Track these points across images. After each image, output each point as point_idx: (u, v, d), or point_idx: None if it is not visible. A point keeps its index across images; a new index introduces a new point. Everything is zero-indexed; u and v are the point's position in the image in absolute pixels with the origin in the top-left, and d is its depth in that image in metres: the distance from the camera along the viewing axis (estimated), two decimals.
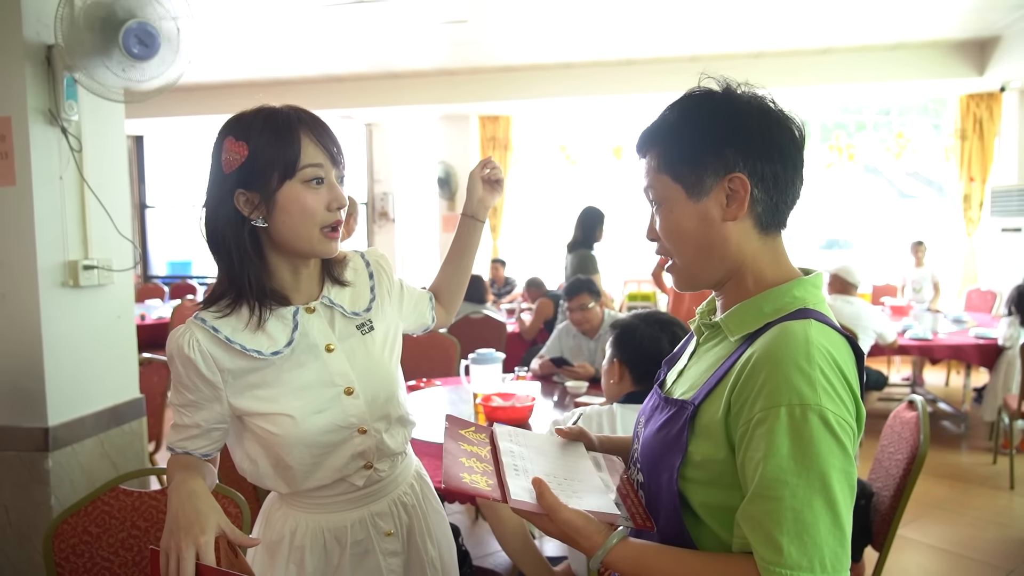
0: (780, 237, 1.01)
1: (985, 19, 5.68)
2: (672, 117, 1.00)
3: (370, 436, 1.28)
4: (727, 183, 0.96)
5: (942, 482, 4.12)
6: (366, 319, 1.33)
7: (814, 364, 0.85)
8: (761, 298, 0.97)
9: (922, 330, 5.01)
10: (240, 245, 1.18)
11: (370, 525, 1.32)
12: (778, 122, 0.98)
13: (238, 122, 1.19)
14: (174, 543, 1.02)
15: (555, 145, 8.54)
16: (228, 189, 1.17)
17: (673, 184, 0.98)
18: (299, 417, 1.21)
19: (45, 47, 2.19)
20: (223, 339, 1.19)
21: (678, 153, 0.98)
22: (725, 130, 0.96)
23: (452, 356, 3.98)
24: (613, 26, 5.81)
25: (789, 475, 0.83)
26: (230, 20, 5.46)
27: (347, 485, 1.30)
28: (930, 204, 8.16)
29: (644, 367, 2.10)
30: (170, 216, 9.72)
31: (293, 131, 1.16)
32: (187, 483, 1.12)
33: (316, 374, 1.24)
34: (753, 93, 1.00)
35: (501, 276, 7.55)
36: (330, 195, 1.19)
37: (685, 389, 1.02)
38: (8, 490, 2.26)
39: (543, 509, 0.94)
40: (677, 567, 0.91)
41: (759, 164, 0.96)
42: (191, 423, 1.23)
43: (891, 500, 2.11)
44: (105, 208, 2.39)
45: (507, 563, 2.94)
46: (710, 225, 0.97)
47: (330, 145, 1.20)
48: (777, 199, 0.98)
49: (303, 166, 1.16)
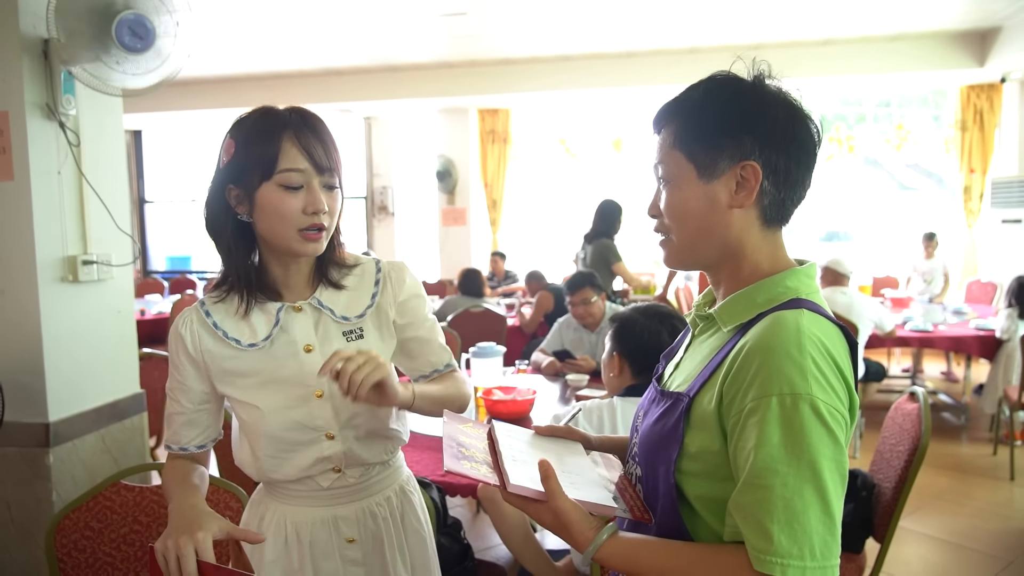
0: (781, 232, 1.01)
1: (985, 10, 5.66)
2: (696, 95, 0.99)
3: (338, 443, 1.27)
4: (739, 169, 0.95)
5: (943, 473, 4.13)
6: (356, 326, 1.30)
7: (805, 353, 0.86)
8: (754, 288, 0.97)
9: (922, 322, 5.01)
10: (227, 235, 1.23)
11: (332, 528, 1.31)
12: (802, 119, 0.98)
13: (238, 121, 1.23)
14: (172, 542, 1.03)
15: (554, 138, 8.52)
16: (220, 183, 1.22)
17: (686, 162, 0.98)
18: (266, 410, 1.24)
19: (42, 41, 2.18)
20: (211, 323, 1.25)
21: (696, 132, 0.97)
22: (747, 116, 0.95)
23: (452, 350, 3.97)
24: (612, 18, 5.79)
25: (779, 464, 0.83)
26: (228, 14, 5.44)
27: (313, 483, 1.30)
28: (930, 196, 8.16)
29: (643, 360, 2.09)
30: (169, 211, 9.71)
31: (276, 133, 1.18)
32: (188, 499, 1.17)
33: (291, 372, 1.25)
34: (780, 87, 0.99)
35: (501, 269, 7.55)
36: (307, 200, 1.19)
37: (680, 381, 1.02)
38: (9, 486, 2.26)
39: (546, 491, 0.94)
40: (670, 559, 0.91)
41: (774, 156, 0.95)
42: (178, 410, 1.29)
43: (893, 491, 2.12)
44: (104, 203, 2.38)
45: (509, 557, 2.94)
46: (715, 208, 0.97)
47: (316, 151, 1.19)
48: (785, 195, 0.98)
49: (280, 170, 1.17)
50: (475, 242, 8.43)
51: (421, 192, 8.93)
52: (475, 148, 8.35)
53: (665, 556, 0.92)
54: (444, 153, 8.30)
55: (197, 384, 1.28)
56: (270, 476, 1.30)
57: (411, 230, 9.14)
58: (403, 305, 1.34)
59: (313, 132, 1.20)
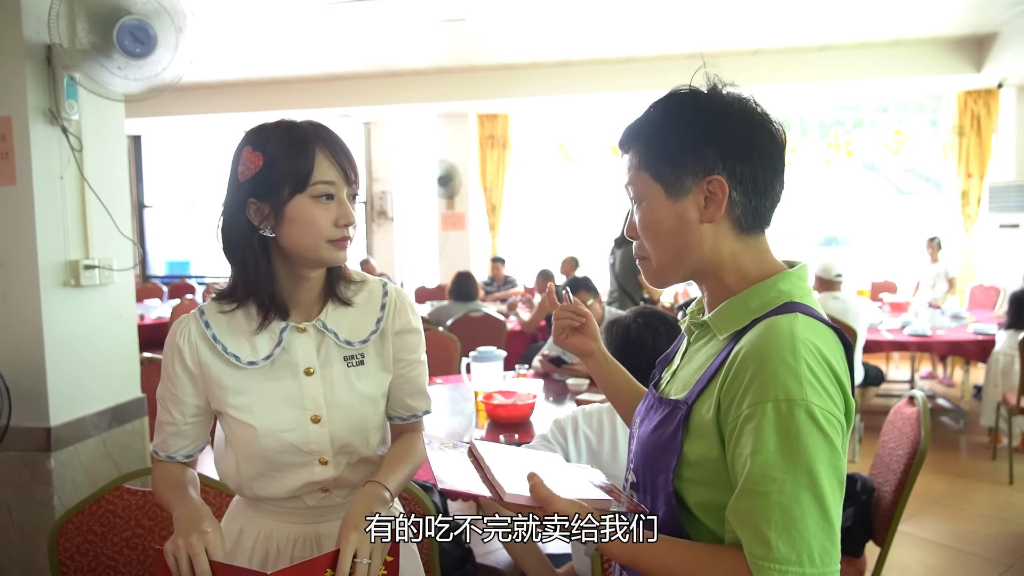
0: (763, 236, 1.01)
1: (983, 15, 5.69)
2: (655, 115, 1.00)
3: (331, 468, 1.26)
4: (706, 184, 0.95)
5: (942, 478, 4.13)
6: (358, 351, 1.28)
7: (800, 359, 0.86)
8: (747, 294, 0.97)
9: (921, 326, 5.02)
10: (253, 252, 1.20)
11: (314, 545, 1.29)
12: (760, 125, 0.97)
13: (258, 133, 1.20)
14: (183, 541, 1.03)
15: (553, 143, 8.53)
16: (242, 198, 1.19)
17: (653, 183, 0.98)
18: (261, 431, 1.22)
19: (45, 46, 2.19)
20: (210, 335, 1.23)
21: (659, 151, 0.98)
22: (706, 131, 0.96)
23: (452, 354, 3.98)
24: (611, 23, 5.81)
25: (776, 470, 0.83)
26: (229, 19, 5.45)
27: (299, 502, 1.29)
28: (928, 200, 8.18)
29: (629, 361, 2.08)
30: (168, 216, 9.71)
31: (309, 146, 1.17)
32: (191, 502, 1.19)
33: (289, 394, 1.24)
34: (738, 95, 0.99)
35: (501, 274, 7.56)
36: (339, 212, 1.19)
37: (678, 388, 1.03)
38: (11, 490, 2.26)
39: (538, 502, 0.95)
40: (672, 556, 0.92)
41: (738, 166, 0.95)
42: (169, 420, 1.28)
43: (892, 495, 2.12)
44: (106, 207, 2.38)
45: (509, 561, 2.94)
46: (686, 226, 0.97)
47: (345, 164, 1.20)
48: (756, 202, 0.97)
49: (315, 182, 1.17)
50: (474, 247, 8.44)
51: (420, 197, 8.94)
52: (474, 153, 8.37)
53: (667, 552, 0.92)
54: (444, 158, 8.31)
55: (191, 398, 1.26)
56: (255, 493, 1.28)
57: (410, 235, 9.14)
58: (398, 338, 1.32)
59: (339, 145, 1.21)
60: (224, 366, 1.23)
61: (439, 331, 4.23)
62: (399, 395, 1.34)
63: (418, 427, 1.39)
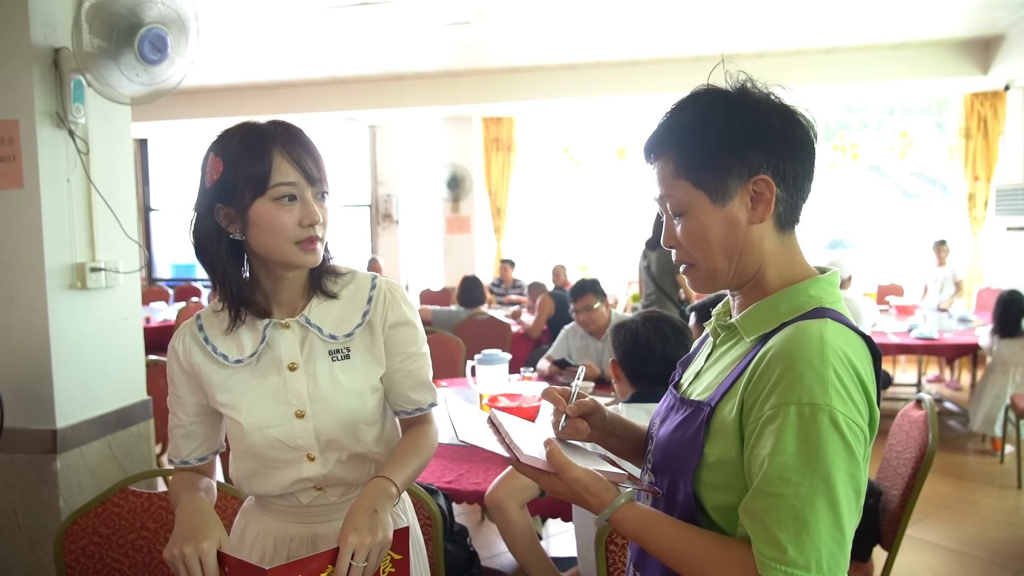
0: (794, 234, 1.00)
1: (989, 18, 5.67)
2: (686, 119, 0.97)
3: (318, 465, 1.26)
4: (751, 185, 0.94)
5: (949, 481, 4.11)
6: (343, 345, 1.26)
7: (828, 364, 0.85)
8: (776, 298, 0.96)
9: (928, 329, 5.00)
10: (220, 256, 1.21)
11: (310, 546, 1.29)
12: (796, 119, 0.97)
13: (221, 138, 1.21)
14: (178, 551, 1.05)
15: (558, 146, 8.54)
16: (209, 203, 1.20)
17: (695, 190, 0.95)
18: (247, 427, 1.23)
19: (52, 50, 2.20)
20: (202, 337, 1.26)
21: (698, 157, 0.95)
22: (746, 131, 0.94)
23: (458, 357, 3.98)
24: (616, 27, 5.81)
25: (793, 473, 0.83)
26: (235, 23, 5.47)
27: (294, 500, 1.29)
28: (934, 203, 8.15)
29: (635, 365, 2.09)
30: (174, 219, 9.73)
31: (266, 148, 1.16)
32: (193, 502, 1.19)
33: (273, 389, 1.24)
34: (766, 91, 0.98)
35: (509, 276, 7.55)
36: (302, 212, 1.18)
37: (702, 390, 1.01)
38: (17, 492, 2.26)
39: (553, 467, 0.96)
40: (678, 538, 0.92)
41: (781, 163, 0.94)
42: (176, 423, 1.30)
43: (899, 499, 2.11)
44: (112, 210, 2.39)
45: (514, 564, 2.93)
46: (736, 229, 0.95)
47: (306, 163, 1.18)
48: (796, 196, 0.97)
49: (274, 184, 1.16)
50: (479, 250, 8.45)
51: (425, 200, 8.94)
52: (479, 156, 8.37)
53: (676, 534, 0.92)
54: (451, 161, 8.32)
55: (190, 396, 1.29)
56: (253, 490, 1.30)
57: (415, 238, 9.15)
58: (391, 331, 1.29)
59: (300, 144, 1.19)
60: (213, 365, 1.25)
61: (444, 333, 4.23)
62: (400, 389, 1.32)
63: (426, 420, 1.36)
